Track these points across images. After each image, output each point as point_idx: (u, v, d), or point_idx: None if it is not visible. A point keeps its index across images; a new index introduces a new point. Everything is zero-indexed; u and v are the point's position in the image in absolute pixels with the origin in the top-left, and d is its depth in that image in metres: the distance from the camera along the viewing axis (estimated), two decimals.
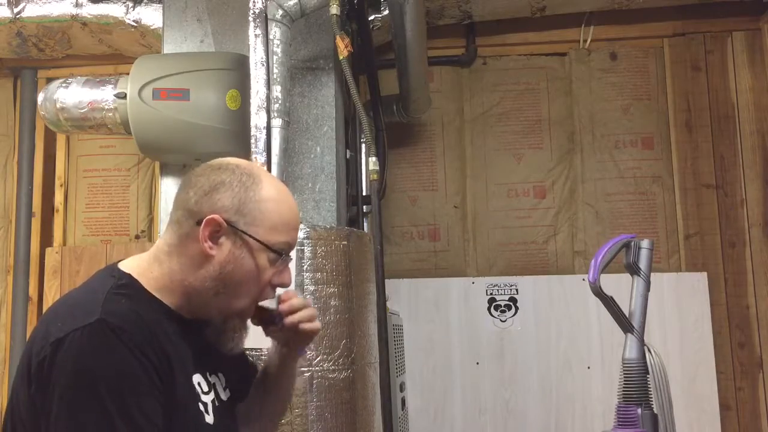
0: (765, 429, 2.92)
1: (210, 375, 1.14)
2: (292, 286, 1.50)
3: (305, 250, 1.64)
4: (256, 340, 1.57)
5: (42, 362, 0.95)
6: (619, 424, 1.76)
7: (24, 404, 0.97)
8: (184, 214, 1.07)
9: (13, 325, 3.24)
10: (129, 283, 1.05)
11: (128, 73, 2.08)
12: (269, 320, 1.15)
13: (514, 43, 3.26)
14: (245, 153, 1.86)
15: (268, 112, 1.85)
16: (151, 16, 2.64)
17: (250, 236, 1.05)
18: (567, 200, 3.17)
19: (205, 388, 1.11)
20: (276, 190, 1.10)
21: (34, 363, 0.96)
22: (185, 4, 2.33)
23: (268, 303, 1.14)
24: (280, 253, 1.08)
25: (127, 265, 1.09)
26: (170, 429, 0.98)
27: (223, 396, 1.17)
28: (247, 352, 1.55)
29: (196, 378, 1.09)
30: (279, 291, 1.14)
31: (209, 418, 1.08)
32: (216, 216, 1.04)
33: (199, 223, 1.04)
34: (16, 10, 2.75)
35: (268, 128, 1.84)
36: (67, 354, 0.93)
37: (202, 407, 1.07)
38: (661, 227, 3.11)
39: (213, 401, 1.11)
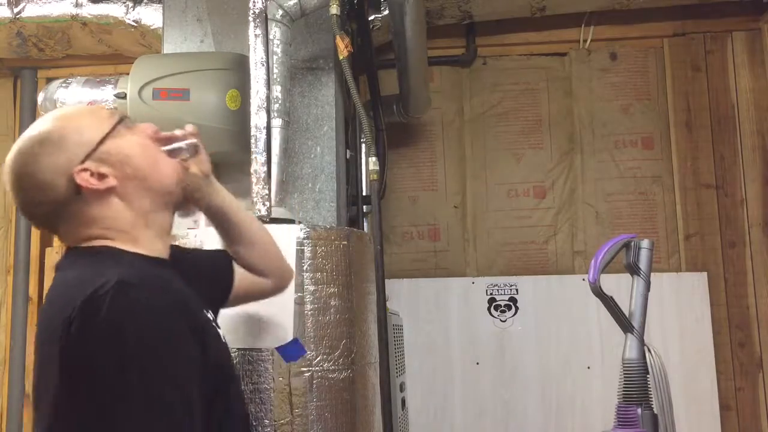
0: (765, 429, 2.92)
1: (212, 314, 1.17)
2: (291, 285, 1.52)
3: (305, 250, 1.64)
4: (255, 340, 1.57)
5: (70, 326, 0.91)
6: (619, 424, 1.76)
7: (54, 374, 0.93)
8: (54, 201, 1.05)
9: (13, 325, 3.24)
10: (107, 251, 1.05)
11: (128, 73, 2.08)
12: (177, 152, 1.16)
13: (514, 43, 3.26)
14: (245, 153, 1.85)
15: (268, 112, 1.85)
16: (151, 16, 2.64)
17: (100, 144, 1.05)
18: (567, 200, 3.17)
19: (217, 325, 1.15)
20: (59, 118, 1.10)
21: (60, 329, 0.92)
22: (185, 4, 2.33)
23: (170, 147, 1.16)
24: (116, 125, 1.09)
25: (87, 244, 1.09)
26: (205, 363, 0.99)
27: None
28: (247, 352, 1.56)
29: (209, 316, 1.12)
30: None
31: (223, 342, 1.13)
32: (75, 168, 1.03)
33: (78, 190, 1.04)
34: (16, 10, 2.75)
35: (268, 128, 1.84)
36: (93, 313, 0.91)
37: (222, 337, 1.12)
38: (661, 227, 3.11)
39: (224, 336, 1.15)
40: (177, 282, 1.07)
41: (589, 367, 2.96)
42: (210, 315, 1.14)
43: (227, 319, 1.38)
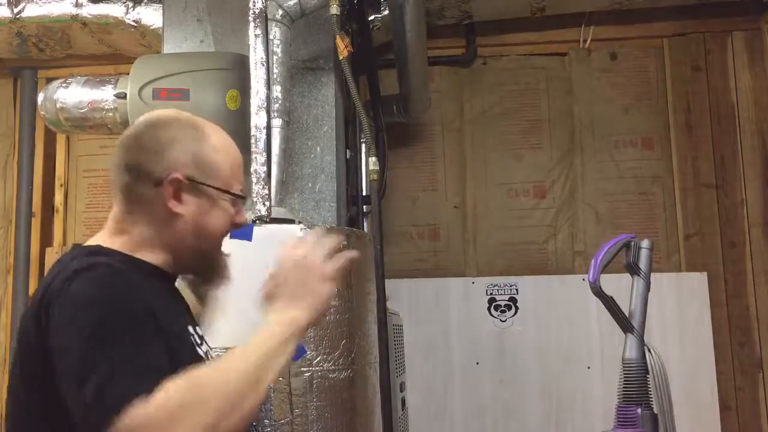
0: (765, 429, 2.92)
1: (201, 331, 1.18)
2: None
3: None
4: None
5: (53, 298, 0.94)
6: (619, 424, 1.76)
7: (34, 347, 0.95)
8: (135, 178, 1.07)
9: (13, 325, 3.24)
10: (98, 249, 1.07)
11: (128, 73, 2.08)
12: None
13: (514, 43, 3.26)
14: (245, 153, 1.85)
15: (268, 112, 1.85)
16: (151, 16, 2.64)
17: (211, 187, 1.08)
18: (567, 200, 3.17)
19: (198, 341, 1.14)
20: (223, 138, 1.14)
21: (44, 303, 0.95)
22: (185, 4, 2.33)
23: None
24: (239, 196, 1.13)
25: (94, 240, 1.11)
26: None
27: (212, 352, 1.20)
28: None
29: (191, 329, 1.12)
30: None
31: (199, 356, 1.12)
32: (178, 174, 1.05)
33: (158, 184, 1.05)
34: (16, 10, 2.75)
35: (268, 128, 1.84)
36: (79, 287, 0.93)
37: (202, 353, 1.11)
38: (661, 227, 3.11)
39: (207, 353, 1.15)
40: (164, 290, 1.09)
41: (589, 367, 2.96)
42: (196, 331, 1.15)
43: (227, 319, 1.38)
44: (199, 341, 1.14)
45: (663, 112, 3.17)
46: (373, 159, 2.14)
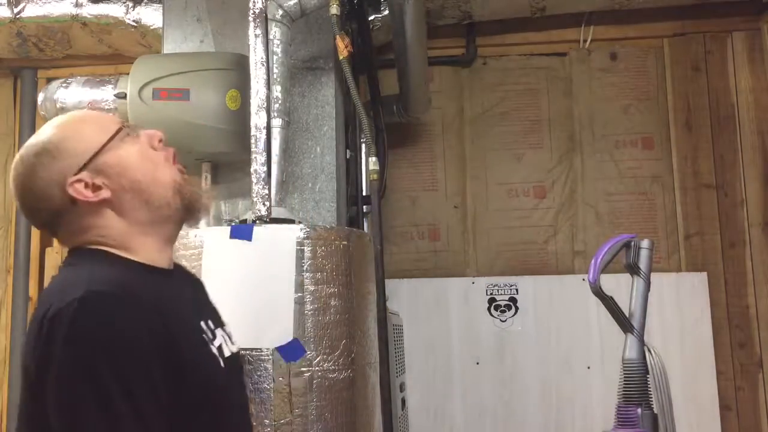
0: (765, 429, 2.92)
1: (213, 325, 1.14)
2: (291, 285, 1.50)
3: (305, 250, 1.64)
4: (255, 340, 1.57)
5: (37, 342, 0.94)
6: (619, 424, 1.76)
7: (26, 389, 0.97)
8: (50, 210, 1.06)
9: (13, 326, 3.24)
10: (100, 255, 1.06)
11: (128, 73, 2.08)
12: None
13: (514, 43, 3.26)
14: (245, 153, 1.86)
15: (268, 112, 1.85)
16: (151, 16, 2.64)
17: (95, 155, 1.06)
18: (567, 200, 3.17)
19: (211, 336, 1.11)
20: (56, 126, 1.11)
21: (31, 344, 0.96)
22: (185, 4, 2.33)
23: None
24: (117, 132, 1.09)
25: (84, 250, 1.09)
26: (183, 375, 0.98)
27: (233, 348, 1.18)
28: (247, 352, 1.56)
29: (203, 324, 1.10)
30: None
31: (222, 362, 1.09)
32: (69, 180, 1.04)
33: (73, 201, 1.05)
34: (16, 10, 2.75)
35: (268, 128, 1.84)
36: (59, 330, 0.92)
37: (215, 350, 1.08)
38: (661, 227, 3.11)
39: (220, 348, 1.12)
40: (164, 291, 1.06)
41: (589, 367, 2.96)
42: (207, 325, 1.12)
43: (227, 319, 1.38)
44: (211, 336, 1.11)
45: (663, 112, 3.17)
46: (373, 159, 2.14)
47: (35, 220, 1.11)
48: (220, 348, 1.12)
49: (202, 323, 1.11)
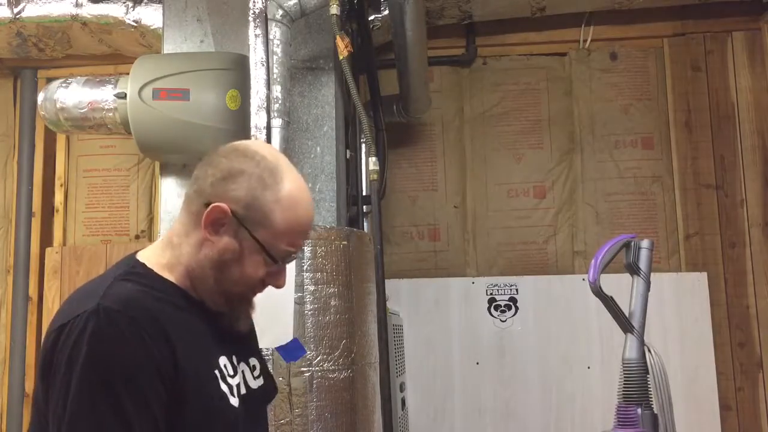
0: (765, 429, 2.92)
1: (237, 360, 1.12)
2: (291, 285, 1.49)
3: (305, 250, 1.64)
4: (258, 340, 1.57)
5: (46, 349, 0.96)
6: (619, 424, 1.76)
7: (40, 392, 0.98)
8: (197, 192, 1.05)
9: (13, 325, 3.24)
10: (139, 269, 1.05)
11: (128, 73, 2.08)
12: None
13: (514, 43, 3.26)
14: None
15: (268, 112, 1.85)
16: (151, 16, 2.64)
17: (252, 235, 1.02)
18: (567, 200, 3.17)
19: (230, 371, 1.08)
20: (294, 194, 1.04)
21: (42, 350, 0.98)
22: (185, 4, 2.33)
23: None
24: (276, 261, 1.05)
25: (143, 254, 1.09)
26: (183, 407, 0.97)
27: (254, 384, 1.16)
28: None
29: (222, 360, 1.07)
30: None
31: (234, 401, 1.06)
32: (223, 205, 1.01)
33: (207, 205, 1.02)
34: (16, 10, 2.75)
35: (268, 128, 1.84)
36: (67, 341, 0.94)
37: (225, 388, 1.05)
38: (661, 227, 3.11)
39: (239, 385, 1.10)
40: (187, 318, 1.04)
41: (589, 367, 2.96)
42: (230, 360, 1.10)
43: None
44: (232, 372, 1.08)
45: (663, 112, 3.17)
46: (373, 159, 2.14)
47: (201, 171, 1.07)
48: (238, 386, 1.10)
49: (223, 358, 1.08)
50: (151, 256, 1.08)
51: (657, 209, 3.13)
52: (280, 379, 1.57)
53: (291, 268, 1.61)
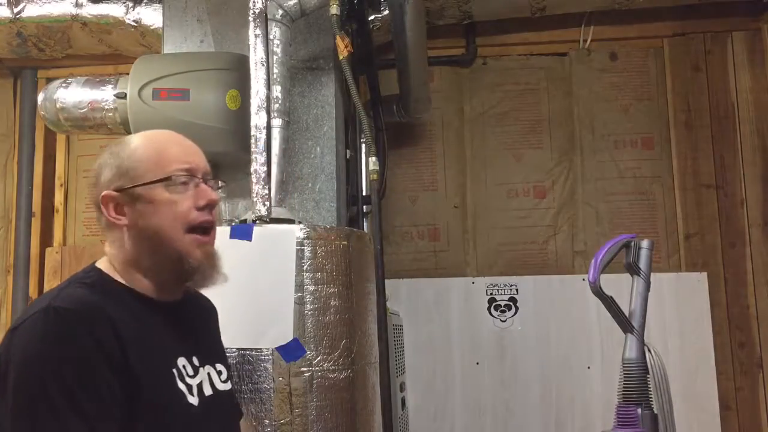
0: (765, 429, 2.92)
1: (199, 362, 1.14)
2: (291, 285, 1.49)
3: (305, 250, 1.64)
4: (255, 340, 1.57)
5: (1, 353, 0.97)
6: (619, 424, 1.76)
7: None
8: (95, 204, 1.13)
9: None
10: (94, 275, 1.09)
11: (128, 73, 2.08)
12: None
13: (514, 43, 3.26)
14: (245, 153, 1.86)
15: (268, 112, 1.85)
16: (151, 16, 2.64)
17: (140, 185, 1.08)
18: (567, 200, 3.17)
19: (190, 371, 1.10)
20: (145, 137, 1.14)
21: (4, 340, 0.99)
22: (185, 4, 2.33)
23: None
24: (175, 180, 1.09)
25: (100, 262, 1.14)
26: (137, 405, 0.98)
27: (221, 386, 1.17)
28: (247, 352, 1.56)
29: (181, 360, 1.09)
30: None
31: (193, 399, 1.07)
32: (105, 192, 1.09)
33: (100, 208, 1.11)
34: (16, 10, 2.75)
35: (268, 128, 1.84)
36: (18, 343, 0.95)
37: (184, 387, 1.07)
38: (661, 227, 3.11)
39: (200, 385, 1.11)
40: (143, 319, 1.06)
41: (589, 367, 2.96)
42: (189, 361, 1.11)
43: (227, 319, 1.38)
44: (191, 372, 1.10)
45: (663, 112, 3.17)
46: (373, 159, 2.14)
47: (93, 199, 1.17)
48: (200, 385, 1.11)
49: (182, 359, 1.10)
50: (106, 264, 1.12)
51: (657, 209, 3.13)
52: (280, 379, 1.57)
53: (291, 268, 1.61)
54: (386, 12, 2.58)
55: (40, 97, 2.30)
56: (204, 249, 1.12)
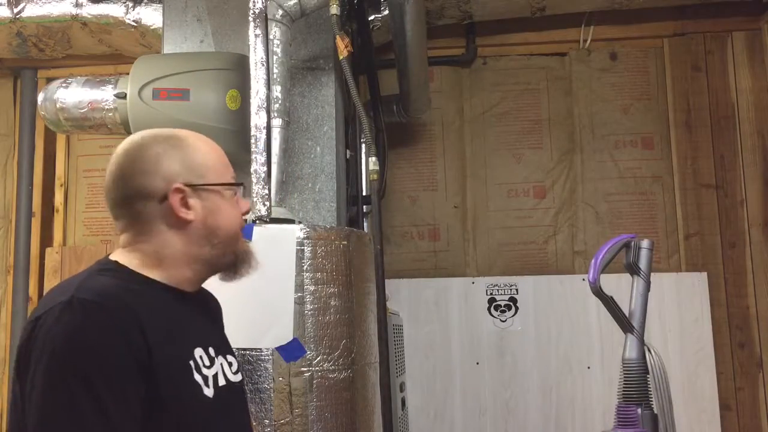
0: (765, 429, 2.92)
1: (215, 352, 1.14)
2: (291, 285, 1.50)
3: (305, 250, 1.64)
4: (255, 340, 1.57)
5: (21, 345, 0.96)
6: (619, 424, 1.76)
7: (17, 390, 0.97)
8: (139, 203, 1.09)
9: (13, 325, 3.24)
10: (113, 266, 1.08)
11: (128, 73, 2.08)
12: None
13: (514, 43, 3.26)
14: (245, 153, 1.85)
15: (268, 112, 1.85)
16: (151, 16, 2.64)
17: (208, 185, 1.11)
18: (567, 200, 3.17)
19: (207, 362, 1.10)
20: (200, 138, 1.17)
21: (18, 346, 0.98)
22: (185, 4, 2.33)
23: None
24: (236, 184, 1.17)
25: (114, 256, 1.12)
26: (156, 397, 0.98)
27: (233, 378, 1.18)
28: (247, 352, 1.56)
29: (198, 351, 1.09)
30: None
31: (209, 391, 1.07)
32: (178, 184, 1.08)
33: (162, 200, 1.08)
34: (16, 10, 2.75)
35: (268, 128, 1.84)
36: (41, 333, 0.94)
37: (200, 379, 1.07)
38: (661, 227, 3.11)
39: (215, 376, 1.11)
40: (167, 311, 1.07)
41: (589, 367, 2.96)
42: (206, 351, 1.11)
43: (227, 319, 1.38)
44: (208, 363, 1.11)
45: (663, 112, 3.17)
46: (373, 159, 2.14)
47: (118, 192, 1.10)
48: (215, 377, 1.11)
49: (199, 349, 1.10)
50: (123, 259, 1.10)
51: (657, 209, 3.13)
52: (280, 379, 1.57)
53: (291, 268, 1.61)
54: (386, 12, 2.58)
55: (40, 97, 2.30)
56: (249, 249, 1.22)
